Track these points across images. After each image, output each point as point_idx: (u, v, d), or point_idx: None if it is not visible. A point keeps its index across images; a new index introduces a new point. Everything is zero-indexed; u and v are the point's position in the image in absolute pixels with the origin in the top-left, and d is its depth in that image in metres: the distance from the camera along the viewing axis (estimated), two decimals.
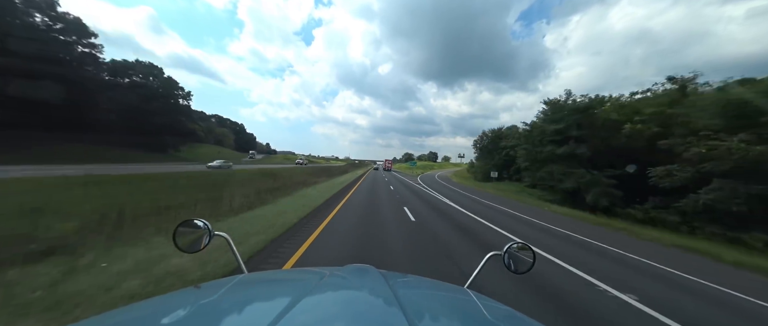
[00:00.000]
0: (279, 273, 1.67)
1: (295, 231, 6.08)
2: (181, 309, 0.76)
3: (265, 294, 0.99)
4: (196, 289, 0.92)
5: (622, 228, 11.71)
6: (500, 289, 3.81)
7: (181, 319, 0.70)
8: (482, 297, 1.10)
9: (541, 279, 4.48)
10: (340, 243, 5.45)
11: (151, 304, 0.83)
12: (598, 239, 8.70)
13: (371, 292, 0.96)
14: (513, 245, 1.38)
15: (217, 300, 0.85)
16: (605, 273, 5.12)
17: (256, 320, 0.70)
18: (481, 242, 6.69)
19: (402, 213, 9.52)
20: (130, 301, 2.19)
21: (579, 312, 3.56)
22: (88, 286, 2.83)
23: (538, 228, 9.87)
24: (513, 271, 1.35)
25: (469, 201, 16.67)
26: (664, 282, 5.19)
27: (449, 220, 9.27)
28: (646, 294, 4.30)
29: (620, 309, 3.78)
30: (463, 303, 1.08)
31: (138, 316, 0.75)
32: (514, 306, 1.07)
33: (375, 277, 1.10)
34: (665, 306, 3.96)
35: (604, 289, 4.34)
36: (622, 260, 6.47)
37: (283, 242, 5.17)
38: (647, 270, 5.81)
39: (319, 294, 0.88)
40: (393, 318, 0.69)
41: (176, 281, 3.16)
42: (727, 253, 8.15)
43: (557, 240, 7.92)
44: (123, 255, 3.73)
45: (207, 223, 1.27)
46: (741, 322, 3.91)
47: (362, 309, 0.83)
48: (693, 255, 8.09)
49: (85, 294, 2.70)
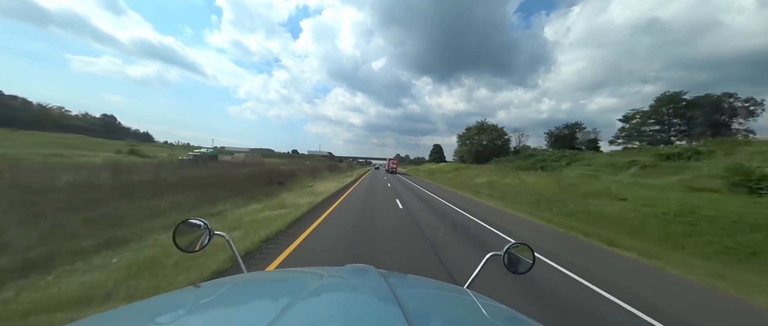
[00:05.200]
0: (279, 272, 1.68)
1: None
2: (181, 309, 0.76)
3: (264, 293, 1.00)
4: (196, 288, 0.92)
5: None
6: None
7: (181, 319, 0.70)
8: (482, 297, 1.10)
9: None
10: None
11: (151, 303, 0.84)
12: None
13: (371, 292, 0.96)
14: (512, 245, 1.38)
15: (217, 299, 0.85)
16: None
17: (255, 319, 0.70)
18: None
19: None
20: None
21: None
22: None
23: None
24: (512, 271, 1.35)
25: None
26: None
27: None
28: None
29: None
30: (462, 303, 1.08)
31: (138, 315, 0.75)
32: (515, 306, 1.07)
33: (374, 277, 1.10)
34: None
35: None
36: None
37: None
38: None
39: (318, 294, 0.88)
40: (392, 319, 0.69)
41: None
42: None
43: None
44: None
45: (207, 223, 1.27)
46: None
47: (362, 309, 0.83)
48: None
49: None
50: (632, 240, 7.29)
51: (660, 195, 11.07)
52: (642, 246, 6.69)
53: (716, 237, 6.96)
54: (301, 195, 11.75)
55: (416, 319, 0.70)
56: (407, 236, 6.20)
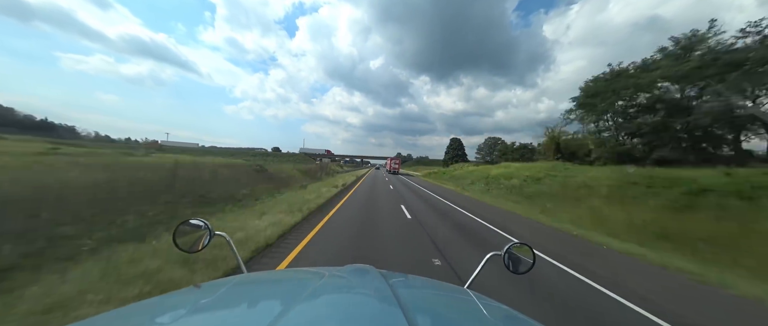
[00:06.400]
0: (279, 273, 1.68)
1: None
2: (181, 309, 0.76)
3: (264, 293, 0.99)
4: (196, 289, 0.92)
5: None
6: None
7: (181, 319, 0.70)
8: (482, 297, 1.10)
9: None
10: None
11: (151, 304, 0.83)
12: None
13: (371, 292, 0.96)
14: (513, 245, 1.37)
15: (217, 299, 0.85)
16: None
17: (255, 320, 0.70)
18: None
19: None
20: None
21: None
22: None
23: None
24: (512, 271, 1.35)
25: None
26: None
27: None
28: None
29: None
30: (463, 303, 1.08)
31: (138, 316, 0.75)
32: (514, 305, 1.08)
33: (375, 277, 1.10)
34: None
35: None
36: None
37: None
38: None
39: (318, 294, 0.88)
40: (393, 319, 0.69)
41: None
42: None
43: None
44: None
45: (207, 223, 1.27)
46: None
47: (362, 309, 0.82)
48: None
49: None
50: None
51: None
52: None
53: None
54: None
55: (416, 319, 0.70)
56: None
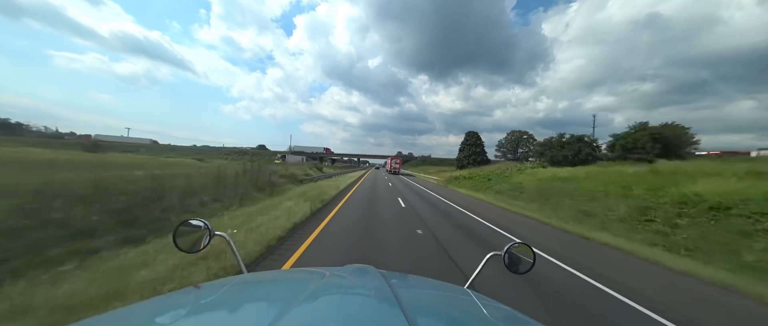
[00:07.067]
0: (279, 273, 1.68)
1: None
2: (181, 309, 0.76)
3: (264, 294, 0.99)
4: (196, 289, 0.92)
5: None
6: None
7: (181, 319, 0.70)
8: (482, 297, 1.10)
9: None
10: None
11: (151, 304, 0.84)
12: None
13: (371, 292, 0.96)
14: (513, 245, 1.37)
15: (217, 300, 0.85)
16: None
17: (255, 320, 0.70)
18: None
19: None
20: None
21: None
22: None
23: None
24: (513, 271, 1.34)
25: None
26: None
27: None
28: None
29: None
30: (463, 303, 1.08)
31: (138, 316, 0.75)
32: (514, 306, 1.08)
33: (375, 277, 1.10)
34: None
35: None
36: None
37: None
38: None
39: (319, 295, 0.88)
40: (393, 319, 0.69)
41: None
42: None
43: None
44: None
45: (207, 223, 1.27)
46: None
47: (362, 309, 0.82)
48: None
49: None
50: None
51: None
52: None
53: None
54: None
55: (417, 320, 0.70)
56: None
